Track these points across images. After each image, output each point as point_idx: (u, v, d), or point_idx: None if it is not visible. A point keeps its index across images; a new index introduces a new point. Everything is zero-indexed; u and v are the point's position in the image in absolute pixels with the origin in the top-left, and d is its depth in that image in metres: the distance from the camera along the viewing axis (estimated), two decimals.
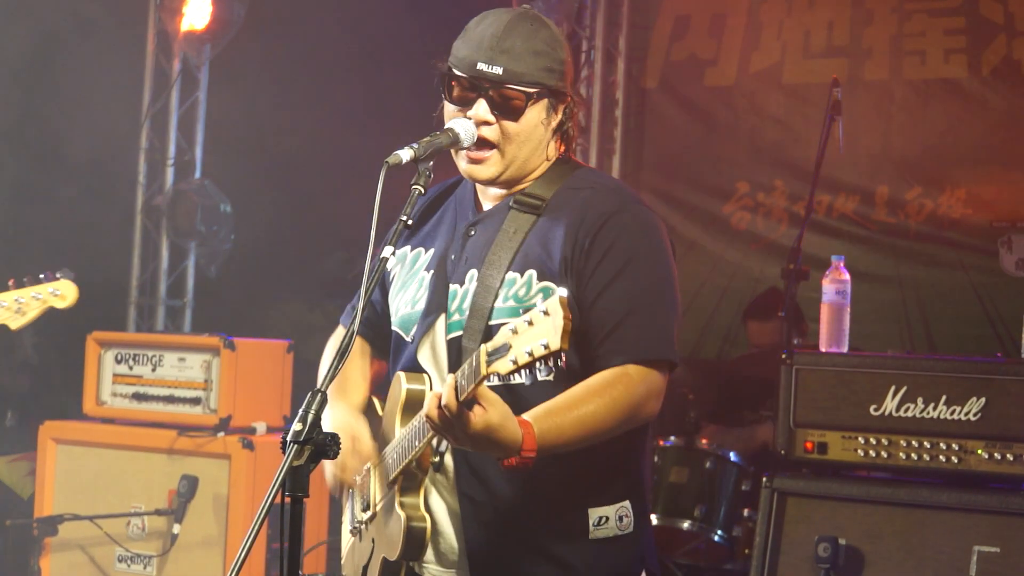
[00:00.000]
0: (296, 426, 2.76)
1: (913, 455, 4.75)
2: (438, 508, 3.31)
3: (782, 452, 4.94)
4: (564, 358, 2.74)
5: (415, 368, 3.36)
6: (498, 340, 2.81)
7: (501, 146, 3.27)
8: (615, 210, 3.25)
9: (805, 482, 4.92)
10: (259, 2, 8.65)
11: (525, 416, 2.99)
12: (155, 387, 6.86)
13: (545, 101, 3.28)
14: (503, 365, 2.78)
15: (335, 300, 8.89)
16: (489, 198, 3.41)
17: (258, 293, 9.11)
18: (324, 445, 2.77)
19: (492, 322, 3.21)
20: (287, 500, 2.74)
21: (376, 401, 3.60)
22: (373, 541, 3.43)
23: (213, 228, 8.62)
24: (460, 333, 3.26)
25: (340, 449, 2.80)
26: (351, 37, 8.66)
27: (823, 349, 5.01)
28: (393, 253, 3.05)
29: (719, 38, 8.38)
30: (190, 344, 6.87)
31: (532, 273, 3.23)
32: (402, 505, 3.28)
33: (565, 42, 3.37)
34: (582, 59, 8.38)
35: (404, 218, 3.08)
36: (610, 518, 3.28)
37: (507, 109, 3.25)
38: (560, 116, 3.33)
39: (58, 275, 5.47)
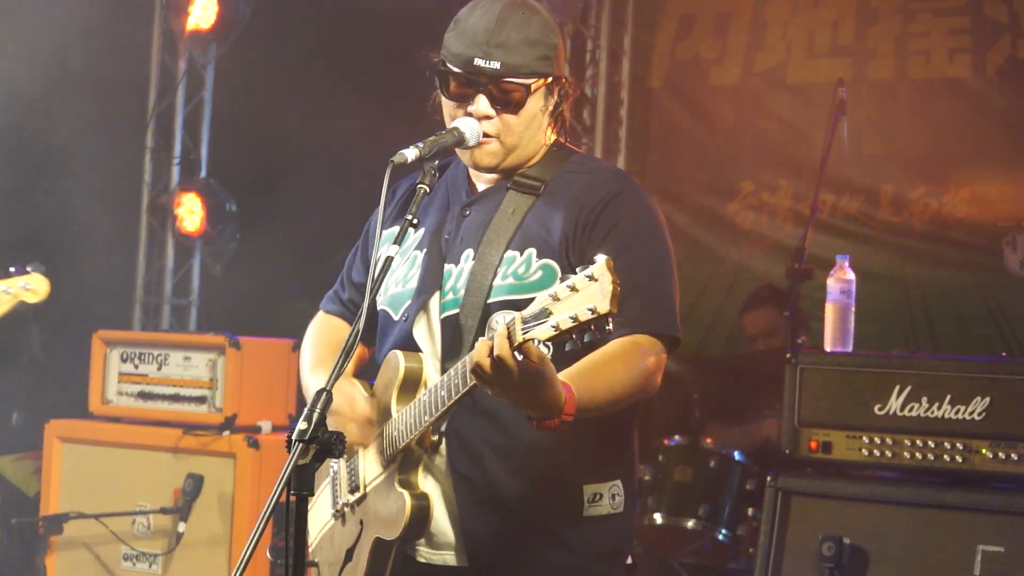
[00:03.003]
0: (301, 425, 2.76)
1: (917, 454, 4.74)
2: (429, 489, 3.29)
3: (787, 451, 4.94)
4: (611, 323, 2.70)
5: (409, 347, 3.34)
6: (535, 307, 2.76)
7: (501, 137, 3.28)
8: (618, 191, 3.28)
9: (809, 481, 4.92)
10: (265, 1, 8.65)
11: (561, 377, 2.93)
12: (160, 386, 6.87)
13: (543, 90, 3.30)
14: (543, 331, 2.73)
15: None
16: (484, 180, 3.42)
17: (263, 292, 9.10)
18: (329, 444, 2.76)
19: (491, 300, 3.22)
20: (292, 499, 2.75)
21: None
22: (361, 523, 3.40)
23: (219, 227, 8.63)
24: (456, 311, 3.26)
25: (345, 448, 2.79)
26: (357, 36, 8.66)
27: (828, 348, 5.02)
28: (399, 252, 3.06)
29: (724, 38, 8.38)
30: (195, 343, 6.88)
31: (531, 251, 3.24)
32: (403, 484, 3.26)
33: (555, 24, 3.37)
34: (587, 59, 8.39)
35: (409, 217, 3.09)
36: (603, 495, 3.29)
37: (507, 103, 3.26)
38: (555, 98, 3.35)
39: (29, 268, 5.32)
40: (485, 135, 3.27)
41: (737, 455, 6.44)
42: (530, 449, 3.02)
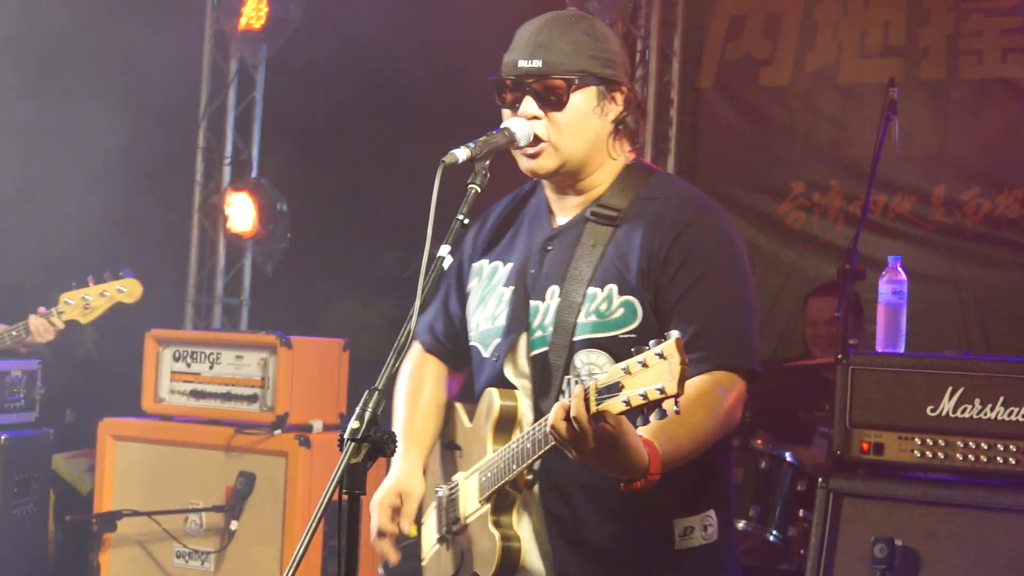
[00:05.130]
0: (353, 424, 2.77)
1: (970, 456, 4.71)
2: (524, 527, 3.33)
3: (838, 452, 4.92)
4: (678, 404, 2.67)
5: (502, 385, 3.37)
6: (609, 378, 2.75)
7: (553, 139, 3.27)
8: (689, 221, 3.26)
9: (861, 483, 4.90)
10: (315, 2, 8.70)
11: (644, 434, 2.90)
12: (212, 384, 6.91)
13: (594, 89, 3.28)
14: (615, 405, 2.72)
15: (390, 299, 8.95)
16: (564, 209, 3.41)
17: (314, 291, 9.16)
18: (381, 443, 2.77)
19: (576, 338, 3.22)
20: (344, 498, 2.75)
21: (460, 408, 3.59)
22: (463, 553, 3.44)
23: (270, 227, 8.68)
24: (544, 349, 3.28)
25: (396, 447, 2.80)
26: (407, 36, 8.69)
27: (879, 349, 4.99)
28: (450, 252, 3.05)
29: (774, 38, 8.35)
30: (247, 342, 6.92)
31: (612, 288, 3.24)
32: (496, 524, 3.30)
33: (613, 35, 3.37)
34: (637, 59, 8.38)
35: (460, 217, 3.09)
36: (695, 528, 3.29)
37: (551, 100, 3.26)
38: (620, 107, 3.33)
39: (122, 273, 5.72)
40: (537, 138, 3.27)
41: (788, 456, 6.41)
42: (619, 488, 3.00)
